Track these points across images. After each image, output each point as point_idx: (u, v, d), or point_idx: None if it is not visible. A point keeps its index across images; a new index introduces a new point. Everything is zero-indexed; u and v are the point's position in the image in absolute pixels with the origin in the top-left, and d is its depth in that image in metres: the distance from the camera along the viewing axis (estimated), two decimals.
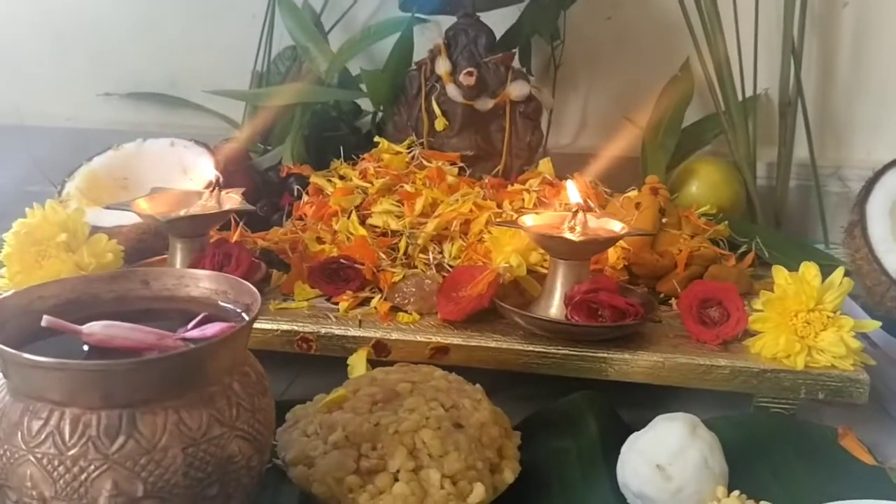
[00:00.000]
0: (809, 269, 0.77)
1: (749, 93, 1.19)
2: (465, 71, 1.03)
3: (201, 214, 0.83)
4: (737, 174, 1.16)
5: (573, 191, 0.85)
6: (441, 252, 0.91)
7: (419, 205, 0.92)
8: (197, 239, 0.85)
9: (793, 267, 0.96)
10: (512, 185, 1.02)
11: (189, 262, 0.84)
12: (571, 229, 0.82)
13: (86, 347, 0.54)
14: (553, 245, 0.80)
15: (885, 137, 1.24)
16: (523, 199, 0.98)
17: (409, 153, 1.02)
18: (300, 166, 1.04)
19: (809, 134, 1.20)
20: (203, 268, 0.83)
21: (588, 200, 0.89)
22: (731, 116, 1.16)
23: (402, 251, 0.90)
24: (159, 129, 1.33)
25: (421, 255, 0.90)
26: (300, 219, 0.99)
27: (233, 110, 1.33)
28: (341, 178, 1.02)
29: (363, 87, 1.17)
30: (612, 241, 0.82)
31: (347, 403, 0.66)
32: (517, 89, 1.04)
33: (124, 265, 0.86)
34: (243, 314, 0.60)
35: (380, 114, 1.09)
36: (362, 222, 0.94)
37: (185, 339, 0.56)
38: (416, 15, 1.07)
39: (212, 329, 0.57)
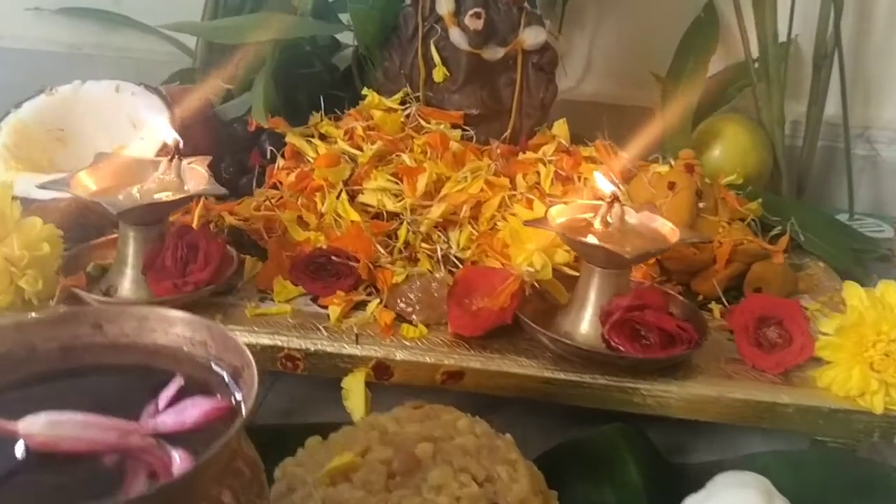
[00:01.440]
0: (891, 291, 0.66)
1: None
2: (471, 12, 0.86)
3: (159, 202, 0.67)
4: (765, 137, 1.03)
5: (603, 181, 0.72)
6: (447, 241, 0.77)
7: (421, 183, 0.77)
8: (154, 226, 0.69)
9: (835, 256, 0.85)
10: (523, 152, 0.87)
11: (144, 254, 0.69)
12: (605, 224, 0.69)
13: (20, 451, 0.40)
14: (593, 253, 0.67)
15: None
16: (538, 173, 0.84)
17: (404, 111, 0.86)
18: (272, 119, 0.88)
19: (844, 90, 1.07)
20: (163, 265, 0.68)
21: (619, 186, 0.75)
22: (767, 66, 1.02)
23: (401, 240, 0.75)
24: (97, 52, 1.15)
25: (423, 245, 0.76)
26: (275, 187, 0.83)
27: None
28: (322, 137, 0.86)
29: (344, 18, 1.00)
30: (664, 251, 0.68)
31: (357, 474, 0.53)
32: (532, 36, 0.88)
33: (63, 254, 0.70)
34: (230, 382, 0.46)
35: (363, 53, 0.92)
36: (352, 199, 0.79)
37: (157, 435, 0.41)
38: None
39: (193, 411, 0.43)
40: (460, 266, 0.75)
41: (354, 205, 0.78)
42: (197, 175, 0.71)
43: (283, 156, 0.84)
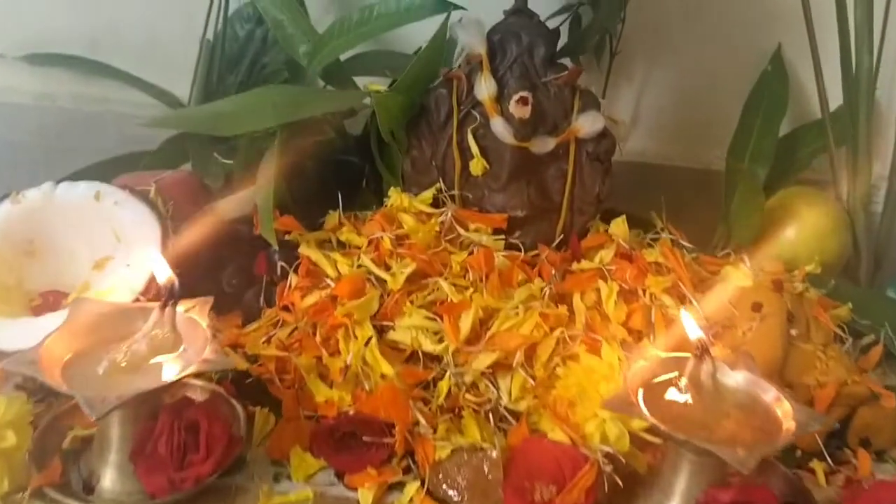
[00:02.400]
0: None
1: None
2: (517, 97, 0.73)
3: (148, 392, 0.54)
4: (845, 217, 0.90)
5: (691, 324, 0.59)
6: (496, 389, 0.64)
7: (466, 324, 0.64)
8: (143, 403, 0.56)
9: None
10: (577, 259, 0.74)
11: (132, 437, 0.56)
12: (695, 384, 0.57)
13: None
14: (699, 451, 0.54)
15: None
16: (598, 292, 0.71)
17: (438, 216, 0.73)
18: (282, 219, 0.74)
19: None
20: (155, 451, 0.55)
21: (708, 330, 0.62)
22: (857, 126, 0.88)
23: (442, 394, 0.63)
24: (72, 105, 1.00)
25: (469, 397, 0.63)
26: (286, 309, 0.70)
27: (175, 80, 1.00)
28: (341, 244, 0.73)
29: (361, 81, 0.86)
30: (782, 447, 0.56)
31: None
32: (588, 123, 0.74)
33: (33, 436, 0.57)
34: None
35: (387, 139, 0.78)
36: (379, 333, 0.66)
37: None
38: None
39: None
40: (512, 421, 0.63)
41: (384, 342, 0.65)
42: (196, 330, 0.58)
43: (295, 270, 0.71)
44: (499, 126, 0.73)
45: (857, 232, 0.91)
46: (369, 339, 0.63)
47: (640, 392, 0.58)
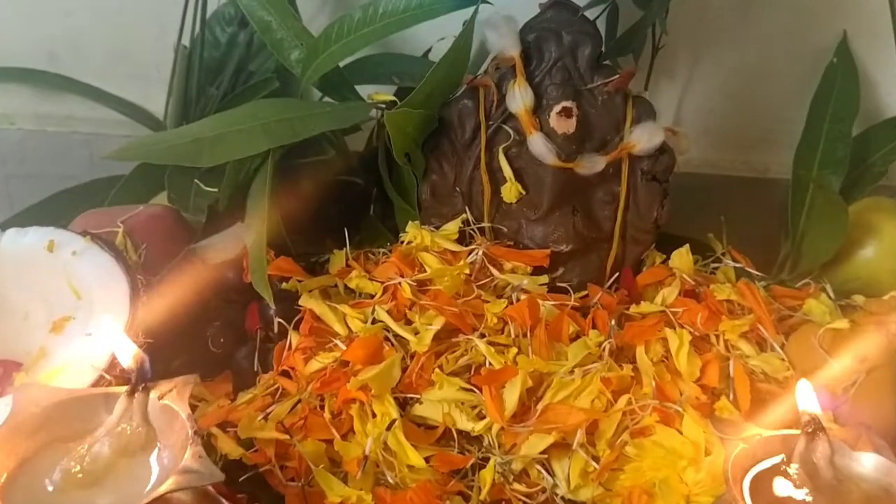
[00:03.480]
0: None
1: None
2: (558, 108, 0.60)
3: None
4: None
5: (809, 396, 0.47)
6: (552, 474, 0.51)
7: (512, 396, 0.51)
8: None
9: None
10: (636, 300, 0.62)
11: None
12: (808, 470, 0.45)
13: None
14: None
15: None
16: (664, 342, 0.58)
17: (467, 256, 0.60)
18: (278, 261, 0.61)
19: None
20: None
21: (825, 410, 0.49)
22: None
23: (486, 486, 0.50)
24: (35, 126, 0.87)
25: (517, 486, 0.51)
26: (286, 374, 0.57)
27: (148, 94, 0.87)
28: (350, 290, 0.61)
29: (364, 91, 0.73)
30: None
31: None
32: (645, 137, 0.62)
33: None
34: None
35: (402, 163, 0.65)
36: (402, 406, 0.53)
37: None
38: None
39: None
40: None
41: (408, 418, 0.52)
42: (174, 423, 0.45)
43: (296, 326, 0.58)
44: (538, 144, 0.60)
45: None
46: (393, 423, 0.50)
47: (747, 486, 0.45)
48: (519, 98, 0.60)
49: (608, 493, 0.51)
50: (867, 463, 0.47)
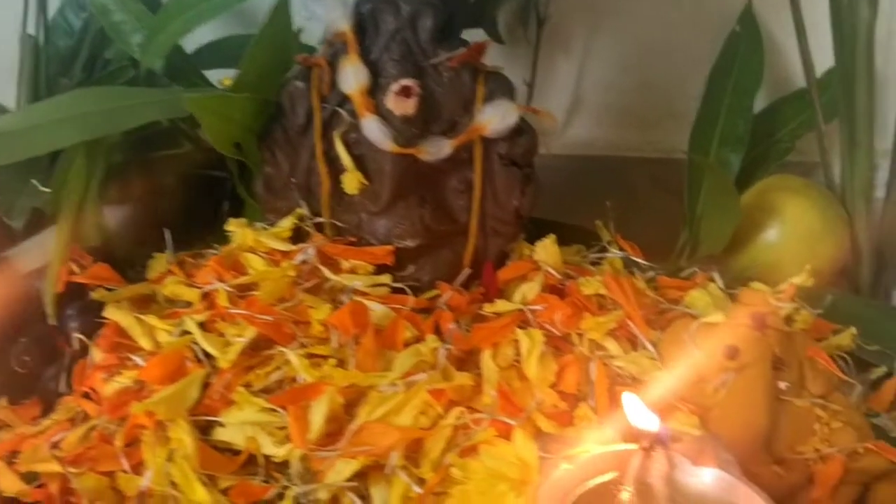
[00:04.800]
0: None
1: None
2: (396, 87, 0.54)
3: None
4: (841, 212, 0.71)
5: (637, 411, 0.41)
6: (368, 502, 0.45)
7: (318, 416, 0.45)
8: None
9: None
10: (490, 298, 0.55)
11: None
12: (642, 492, 0.39)
13: None
14: None
15: None
16: (517, 344, 0.52)
17: (299, 258, 0.54)
18: (95, 268, 0.55)
19: None
20: None
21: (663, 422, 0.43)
22: (854, 95, 0.69)
23: None
24: None
25: None
26: (87, 396, 0.51)
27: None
28: (170, 301, 0.54)
29: (215, 76, 0.67)
30: None
31: None
32: (497, 117, 0.55)
33: None
34: None
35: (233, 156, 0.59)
36: (203, 432, 0.47)
37: None
38: None
39: None
40: None
41: (211, 444, 0.46)
42: None
43: (95, 343, 0.52)
44: (372, 127, 0.53)
45: (857, 226, 0.72)
46: (172, 450, 0.44)
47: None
48: (351, 77, 0.54)
49: None
50: (708, 479, 0.41)
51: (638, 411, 0.41)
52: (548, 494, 0.39)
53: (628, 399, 0.41)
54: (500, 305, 0.55)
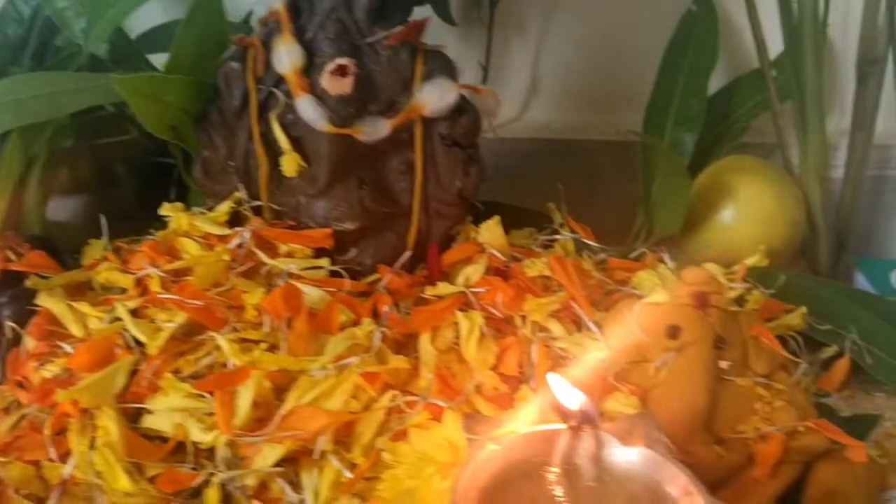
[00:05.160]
0: None
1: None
2: (331, 66, 0.53)
3: None
4: (796, 191, 0.71)
5: (563, 390, 0.40)
6: (299, 488, 0.44)
7: (245, 402, 0.44)
8: None
9: None
10: (433, 282, 0.55)
11: None
12: (569, 472, 0.38)
13: None
14: None
15: None
16: (457, 326, 0.51)
17: (235, 242, 0.53)
18: (31, 255, 0.54)
19: None
20: None
21: (593, 408, 0.42)
22: (803, 76, 0.68)
23: None
24: None
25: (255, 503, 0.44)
26: (21, 385, 0.50)
27: None
28: (106, 289, 0.53)
29: (159, 60, 0.66)
30: None
31: None
32: (435, 96, 0.54)
33: None
34: None
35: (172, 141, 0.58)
36: (132, 420, 0.46)
37: None
38: None
39: None
40: None
41: (140, 431, 0.45)
42: None
43: (28, 331, 0.51)
44: (306, 107, 0.53)
45: (813, 206, 0.71)
46: (93, 438, 0.43)
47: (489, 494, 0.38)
48: (285, 57, 0.53)
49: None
50: (634, 458, 0.40)
51: (565, 391, 0.40)
52: (471, 476, 0.39)
53: (554, 379, 0.40)
54: (442, 288, 0.54)
